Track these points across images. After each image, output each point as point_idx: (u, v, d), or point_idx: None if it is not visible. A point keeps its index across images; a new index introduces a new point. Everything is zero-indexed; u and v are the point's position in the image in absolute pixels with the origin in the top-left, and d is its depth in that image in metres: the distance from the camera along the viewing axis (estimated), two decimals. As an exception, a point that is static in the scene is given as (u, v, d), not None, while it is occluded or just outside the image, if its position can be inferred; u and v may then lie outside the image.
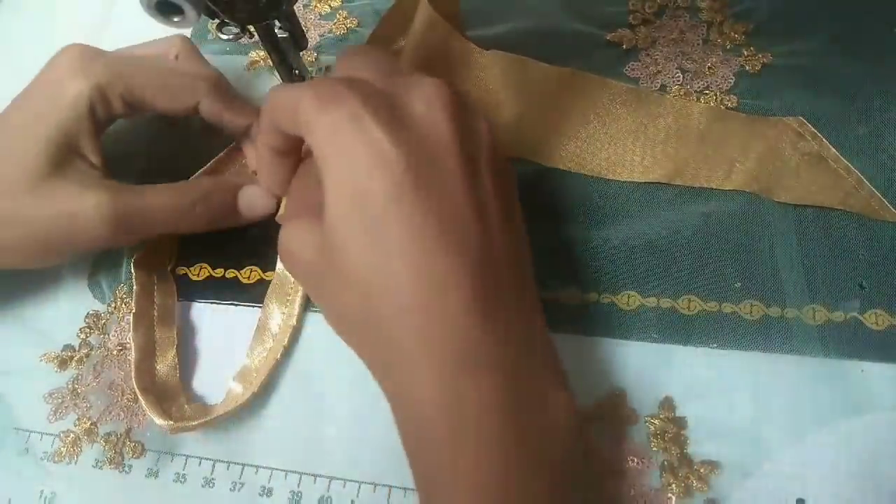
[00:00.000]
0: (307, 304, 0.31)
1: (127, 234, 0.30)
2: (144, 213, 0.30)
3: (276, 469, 0.29)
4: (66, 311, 0.34)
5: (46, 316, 0.34)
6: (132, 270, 0.32)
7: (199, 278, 0.33)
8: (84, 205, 0.28)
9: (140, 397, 0.29)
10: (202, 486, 0.29)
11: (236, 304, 0.33)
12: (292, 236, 0.25)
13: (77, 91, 0.29)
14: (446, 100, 0.24)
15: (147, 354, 0.31)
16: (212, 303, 0.33)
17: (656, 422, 0.27)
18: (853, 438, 0.25)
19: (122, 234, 0.30)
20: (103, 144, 0.31)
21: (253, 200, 0.32)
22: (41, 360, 0.33)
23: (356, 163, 0.22)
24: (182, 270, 0.34)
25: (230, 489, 0.29)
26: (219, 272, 0.33)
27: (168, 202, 0.30)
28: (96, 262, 0.35)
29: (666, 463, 0.26)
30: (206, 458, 0.29)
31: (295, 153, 0.28)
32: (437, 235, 0.22)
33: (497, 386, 0.21)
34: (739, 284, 0.29)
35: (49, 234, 0.29)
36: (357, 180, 0.22)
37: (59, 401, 0.32)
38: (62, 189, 0.28)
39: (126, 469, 0.30)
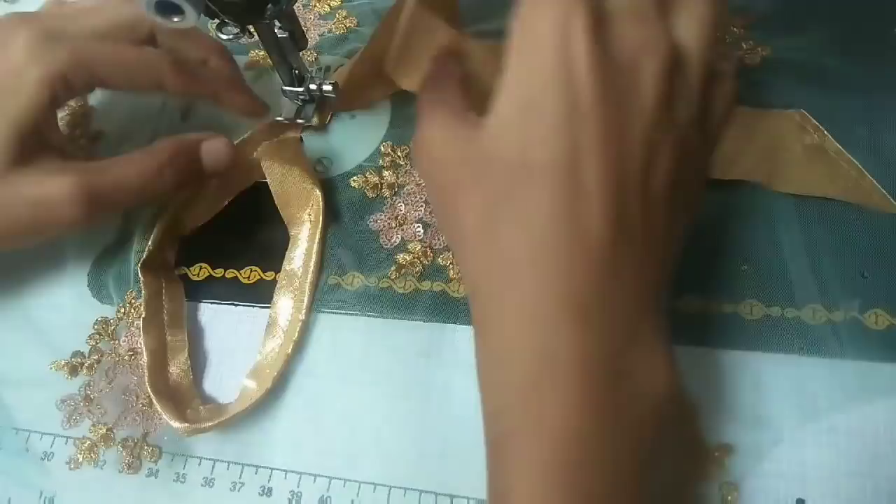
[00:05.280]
0: (314, 303, 0.31)
1: (102, 210, 0.30)
2: (114, 187, 0.29)
3: (276, 469, 0.29)
4: (70, 317, 0.34)
5: (50, 323, 0.34)
6: (140, 275, 0.32)
7: (199, 278, 0.33)
8: (53, 190, 0.28)
9: (155, 401, 0.29)
10: (202, 485, 0.29)
11: (236, 304, 0.33)
12: (436, 129, 0.24)
13: (38, 79, 0.28)
14: (666, 55, 0.20)
15: (159, 358, 0.31)
16: (212, 303, 0.33)
17: None
18: (853, 438, 0.25)
19: (97, 211, 0.29)
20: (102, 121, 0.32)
21: (215, 152, 0.32)
22: (50, 368, 0.32)
23: (540, 69, 0.20)
24: (182, 271, 0.34)
25: (230, 489, 0.29)
26: (219, 272, 0.33)
27: (135, 171, 0.30)
28: (98, 268, 0.34)
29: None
30: (206, 458, 0.29)
31: None
32: (593, 192, 0.19)
33: (595, 340, 0.20)
34: (746, 267, 0.29)
35: (18, 222, 0.29)
36: (532, 91, 0.20)
37: (73, 407, 0.31)
38: (28, 177, 0.28)
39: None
